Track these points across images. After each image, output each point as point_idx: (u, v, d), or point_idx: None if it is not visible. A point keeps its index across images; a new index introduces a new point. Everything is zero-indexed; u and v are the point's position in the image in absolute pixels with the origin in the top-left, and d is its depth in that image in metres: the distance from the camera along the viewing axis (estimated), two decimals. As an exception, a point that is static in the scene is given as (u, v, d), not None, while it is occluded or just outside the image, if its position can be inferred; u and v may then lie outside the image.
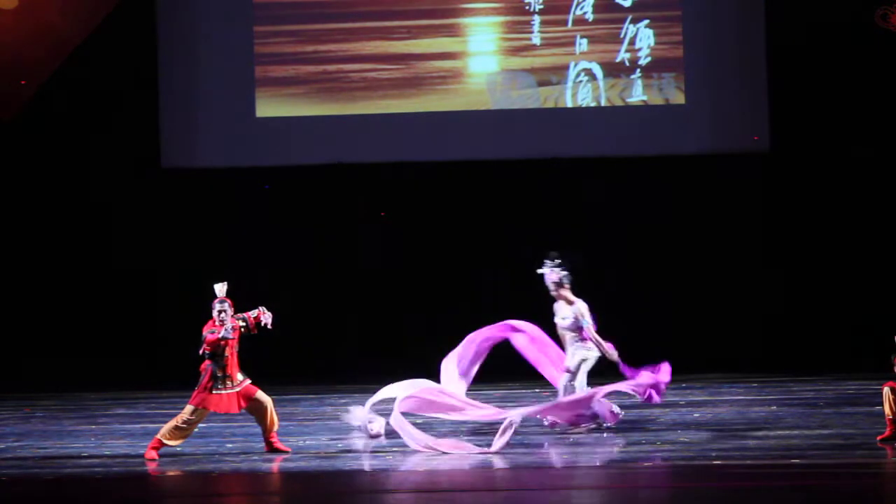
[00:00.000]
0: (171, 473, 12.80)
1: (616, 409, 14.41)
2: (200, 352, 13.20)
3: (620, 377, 14.31)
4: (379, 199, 19.83)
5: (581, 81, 19.57)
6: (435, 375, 18.71)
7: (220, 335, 13.06)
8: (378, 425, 14.15)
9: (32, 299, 19.51)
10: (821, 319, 19.18)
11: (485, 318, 19.68)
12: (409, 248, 19.79)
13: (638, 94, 19.59)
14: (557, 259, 14.39)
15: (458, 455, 13.11)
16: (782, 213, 19.50)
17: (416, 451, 13.29)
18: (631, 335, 19.36)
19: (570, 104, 19.59)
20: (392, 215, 19.81)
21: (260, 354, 14.03)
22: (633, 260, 19.63)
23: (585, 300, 17.27)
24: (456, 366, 14.81)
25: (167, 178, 19.69)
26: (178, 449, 13.41)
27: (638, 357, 19.00)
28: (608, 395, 14.25)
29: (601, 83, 19.56)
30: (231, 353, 13.20)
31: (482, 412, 14.02)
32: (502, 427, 13.19)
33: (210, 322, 13.18)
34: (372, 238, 19.79)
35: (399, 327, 19.71)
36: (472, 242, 19.77)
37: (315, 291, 19.72)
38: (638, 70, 19.54)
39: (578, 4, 19.55)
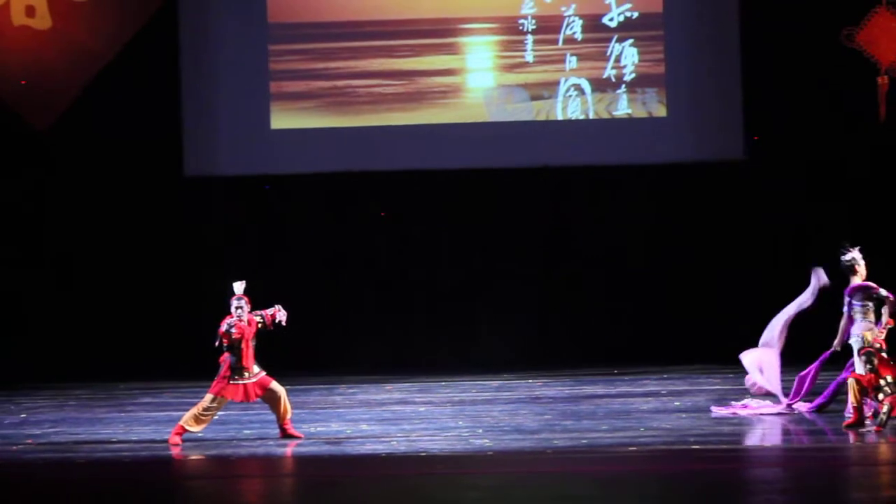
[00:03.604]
0: (193, 457, 12.83)
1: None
2: (216, 344, 13.24)
3: None
4: (384, 203, 19.84)
5: (571, 96, 19.59)
6: (435, 371, 18.82)
7: (222, 328, 13.13)
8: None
9: (67, 298, 19.51)
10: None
11: (484, 314, 19.81)
12: (412, 249, 19.81)
13: (623, 107, 19.60)
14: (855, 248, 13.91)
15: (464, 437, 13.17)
16: (755, 216, 19.53)
17: (407, 438, 13.37)
18: (618, 331, 19.48)
19: (560, 117, 19.60)
20: (397, 219, 19.81)
21: (275, 348, 14.06)
22: (618, 260, 19.65)
23: (577, 299, 17.33)
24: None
25: (189, 186, 19.71)
26: (200, 435, 13.44)
27: (628, 353, 19.12)
28: None
29: (589, 97, 19.58)
30: (246, 346, 13.24)
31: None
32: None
33: (228, 317, 13.23)
34: (379, 240, 19.81)
35: (402, 324, 19.73)
36: (471, 243, 19.79)
37: (327, 289, 19.74)
38: (623, 85, 19.55)
39: (568, 25, 19.56)
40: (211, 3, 19.66)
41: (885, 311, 13.57)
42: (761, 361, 14.98)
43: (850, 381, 13.35)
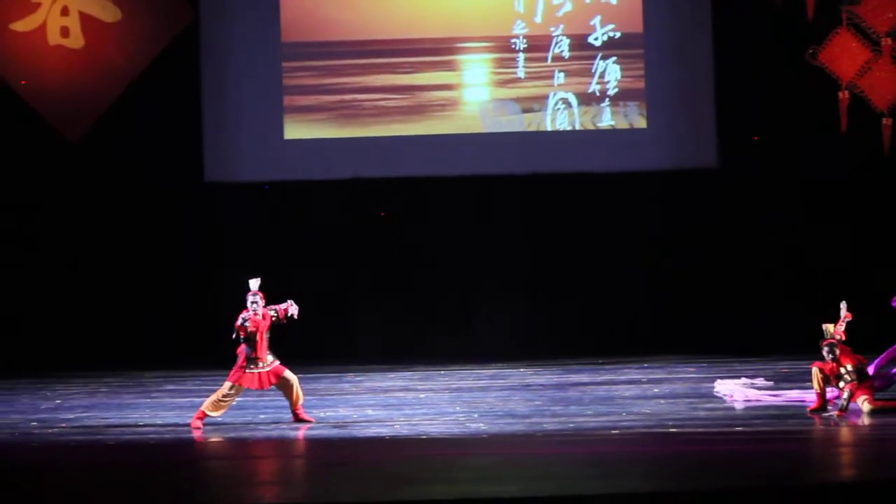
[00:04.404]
0: (213, 439, 12.85)
1: None
2: (233, 336, 13.26)
3: None
4: (388, 207, 19.85)
5: (559, 109, 19.59)
6: (435, 361, 18.83)
7: (239, 322, 13.17)
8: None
9: (98, 293, 19.51)
10: (760, 309, 19.23)
11: (480, 309, 19.81)
12: (414, 250, 19.81)
13: (607, 119, 19.61)
14: None
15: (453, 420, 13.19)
16: (728, 218, 19.56)
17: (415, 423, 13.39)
18: (602, 325, 19.49)
19: (549, 128, 19.61)
20: (399, 221, 19.82)
21: (288, 339, 14.07)
22: (602, 260, 19.66)
23: (565, 295, 17.14)
24: None
25: (209, 190, 19.72)
26: (219, 419, 13.47)
27: (611, 344, 19.13)
28: None
29: (576, 110, 19.59)
30: (261, 338, 13.27)
31: None
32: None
33: (244, 311, 13.25)
34: (384, 240, 19.81)
35: (404, 318, 19.72)
36: (467, 243, 19.80)
37: (335, 286, 19.74)
38: (607, 99, 19.57)
39: (556, 44, 19.58)
40: (230, 23, 19.66)
41: (843, 305, 13.58)
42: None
43: (814, 370, 13.39)
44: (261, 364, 13.29)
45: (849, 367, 13.20)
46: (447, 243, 19.75)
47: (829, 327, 13.39)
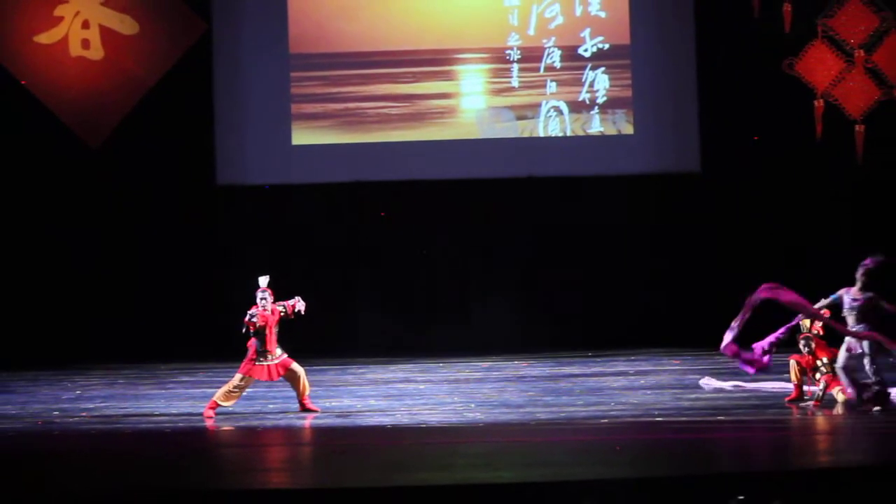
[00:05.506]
0: (224, 428, 12.84)
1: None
2: (243, 331, 13.25)
3: None
4: (389, 209, 19.83)
5: (551, 116, 19.59)
6: (434, 354, 18.81)
7: (245, 318, 13.17)
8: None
9: (116, 290, 19.49)
10: (742, 305, 19.18)
11: (476, 305, 19.81)
12: (414, 249, 19.79)
13: (596, 126, 19.61)
14: (881, 257, 12.69)
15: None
16: (709, 219, 19.55)
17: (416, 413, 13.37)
18: (592, 319, 19.49)
19: (542, 134, 19.60)
20: (400, 222, 19.80)
21: (295, 334, 14.05)
22: (592, 258, 19.65)
23: (556, 292, 17.06)
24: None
25: (221, 193, 19.71)
26: (230, 409, 13.45)
27: (601, 338, 19.11)
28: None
29: (567, 117, 19.58)
30: (270, 332, 13.26)
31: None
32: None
33: (254, 307, 13.24)
34: (385, 241, 19.79)
35: (405, 314, 19.70)
36: (465, 243, 19.78)
37: (340, 283, 19.72)
38: (596, 107, 19.56)
39: (548, 55, 19.57)
40: (241, 35, 19.65)
41: (823, 301, 13.56)
42: None
43: (792, 363, 13.38)
44: (270, 357, 13.29)
45: (824, 360, 13.20)
46: (445, 244, 19.73)
47: (806, 322, 13.39)
